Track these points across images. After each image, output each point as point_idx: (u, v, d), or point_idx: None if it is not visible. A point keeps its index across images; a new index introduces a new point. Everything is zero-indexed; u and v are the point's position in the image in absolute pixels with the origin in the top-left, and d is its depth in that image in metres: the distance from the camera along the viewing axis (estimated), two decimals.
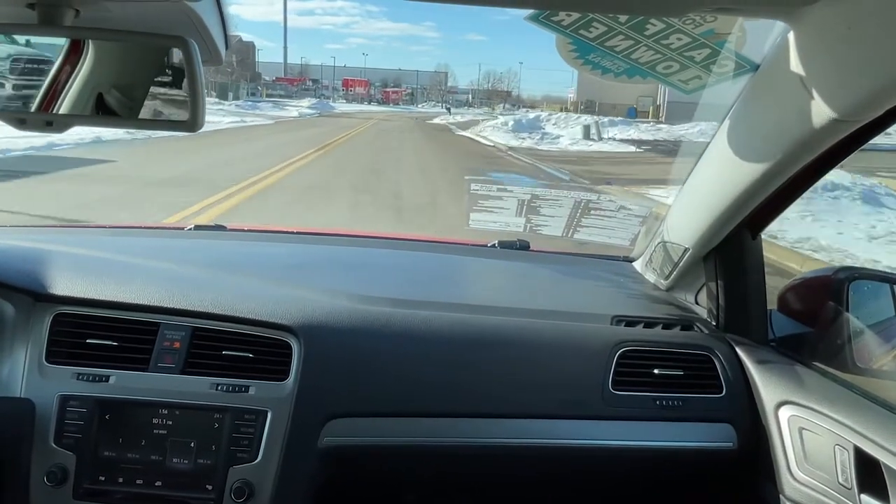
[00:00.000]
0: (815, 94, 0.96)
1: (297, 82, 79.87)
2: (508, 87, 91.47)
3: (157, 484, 1.20)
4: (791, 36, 0.97)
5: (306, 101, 50.85)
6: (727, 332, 1.46)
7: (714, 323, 1.49)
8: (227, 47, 0.95)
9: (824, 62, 0.95)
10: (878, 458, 1.07)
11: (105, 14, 0.83)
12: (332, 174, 11.09)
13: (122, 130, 11.02)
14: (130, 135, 12.91)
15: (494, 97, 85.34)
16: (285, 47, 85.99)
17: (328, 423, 1.25)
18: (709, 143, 1.32)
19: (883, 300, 1.37)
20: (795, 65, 0.98)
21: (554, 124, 28.39)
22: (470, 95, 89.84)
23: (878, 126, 1.02)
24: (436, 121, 39.11)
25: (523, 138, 22.51)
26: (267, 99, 53.40)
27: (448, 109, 51.33)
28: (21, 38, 0.98)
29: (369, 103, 75.73)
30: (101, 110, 0.97)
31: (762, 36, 1.06)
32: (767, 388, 1.32)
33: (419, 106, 78.65)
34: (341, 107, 57.67)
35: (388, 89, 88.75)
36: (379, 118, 39.61)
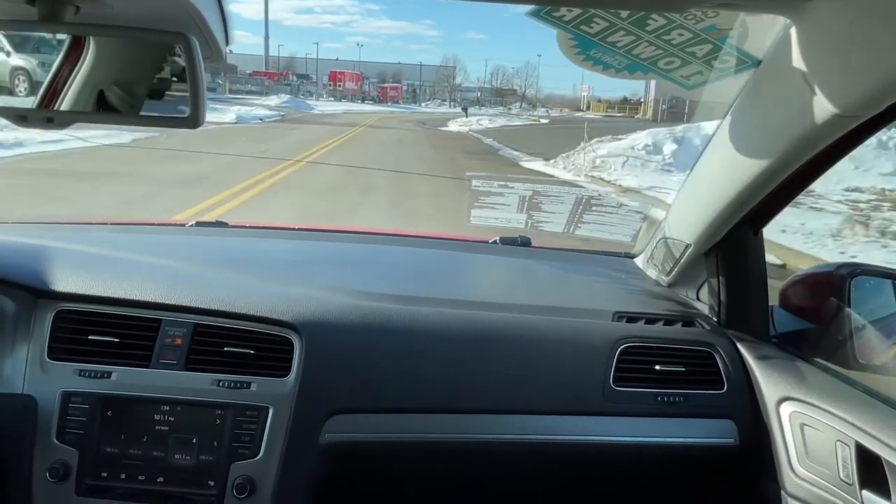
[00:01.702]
0: (816, 89, 0.96)
1: (277, 76, 62.59)
2: (524, 84, 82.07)
3: (159, 480, 1.20)
4: (793, 31, 0.97)
5: (274, 99, 39.16)
6: (728, 329, 1.45)
7: (715, 319, 1.49)
8: (227, 44, 0.95)
9: (826, 58, 0.95)
10: (879, 453, 1.07)
11: (106, 10, 0.83)
12: None
13: None
14: None
15: (507, 95, 77.83)
16: (266, 37, 72.67)
17: (330, 420, 1.25)
18: (710, 139, 1.31)
19: (885, 296, 1.37)
20: (797, 60, 0.98)
21: None
22: (479, 93, 77.53)
23: (879, 122, 1.02)
24: (452, 127, 26.51)
25: None
26: (226, 96, 39.24)
27: (465, 110, 40.21)
28: None
29: (363, 101, 61.96)
30: (102, 107, 0.97)
31: (764, 31, 1.06)
32: (769, 384, 1.32)
33: (423, 105, 67.39)
34: (324, 106, 44.52)
35: (385, 85, 74.59)
36: (368, 123, 26.50)
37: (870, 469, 1.09)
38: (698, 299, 1.60)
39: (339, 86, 65.99)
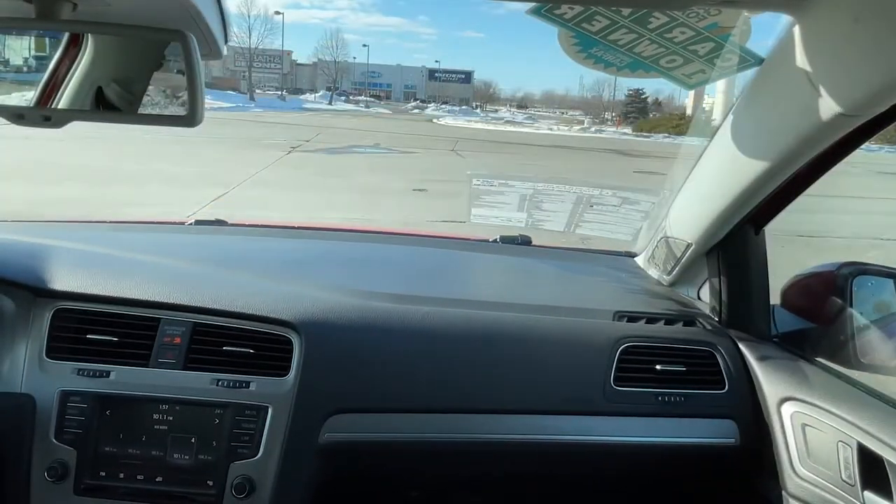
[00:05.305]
0: (820, 88, 0.96)
1: None
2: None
3: (157, 479, 1.20)
4: (796, 29, 0.96)
5: None
6: (730, 328, 1.45)
7: (717, 318, 1.49)
8: (226, 41, 0.94)
9: (830, 56, 0.94)
10: (881, 454, 1.06)
11: (103, 8, 0.82)
12: None
13: None
14: None
15: (492, 101, 56.38)
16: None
17: (329, 419, 1.25)
18: (712, 137, 1.31)
19: (887, 296, 1.36)
20: (800, 59, 0.97)
21: None
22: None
23: (883, 121, 1.01)
24: None
25: None
26: None
27: None
28: None
29: (331, 102, 36.54)
30: (100, 105, 0.97)
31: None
32: (770, 383, 1.31)
33: (431, 107, 48.67)
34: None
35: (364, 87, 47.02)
36: None
37: (872, 470, 1.08)
38: (699, 299, 1.59)
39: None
